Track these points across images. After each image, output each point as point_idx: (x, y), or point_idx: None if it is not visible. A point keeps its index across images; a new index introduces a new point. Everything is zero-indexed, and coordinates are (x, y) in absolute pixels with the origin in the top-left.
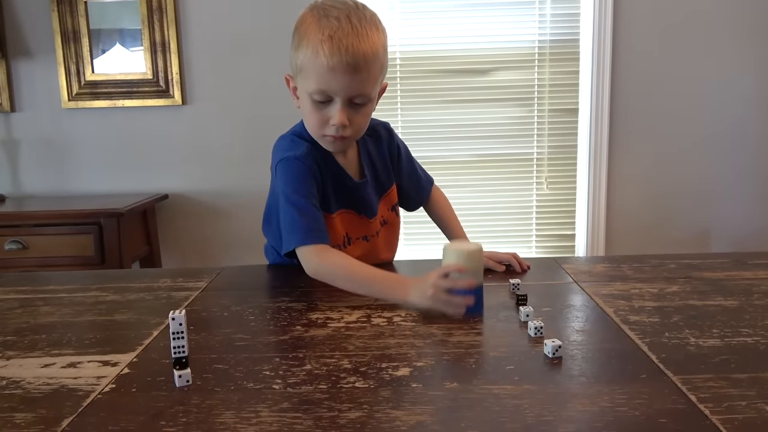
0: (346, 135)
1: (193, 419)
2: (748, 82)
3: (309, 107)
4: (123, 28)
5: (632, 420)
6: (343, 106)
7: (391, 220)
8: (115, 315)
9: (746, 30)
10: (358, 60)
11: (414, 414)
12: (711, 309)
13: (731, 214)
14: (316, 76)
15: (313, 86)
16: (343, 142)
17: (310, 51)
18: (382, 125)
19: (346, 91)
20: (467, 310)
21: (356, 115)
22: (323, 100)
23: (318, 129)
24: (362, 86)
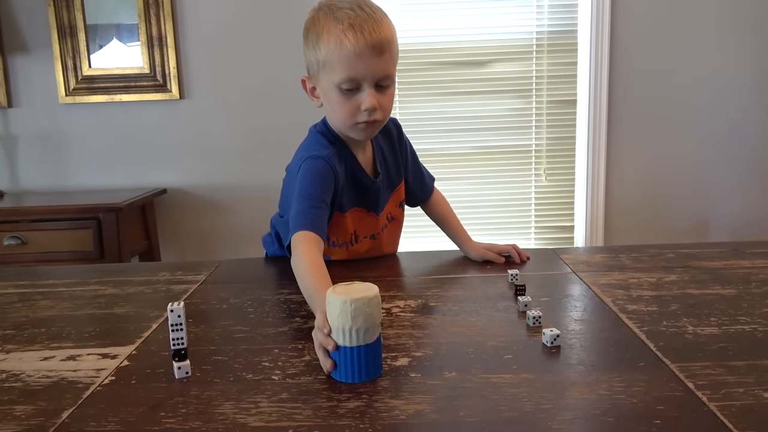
0: (377, 118)
1: (192, 410)
2: (746, 72)
3: (337, 99)
4: (120, 23)
5: (630, 407)
6: (372, 89)
7: (397, 216)
8: (114, 308)
9: (745, 20)
10: (381, 42)
11: (413, 403)
12: (709, 298)
13: (730, 203)
14: (343, 65)
15: (341, 76)
16: (373, 127)
17: (332, 43)
18: (391, 121)
19: (374, 73)
20: (341, 373)
21: (383, 98)
22: (352, 87)
23: (349, 118)
24: (387, 67)
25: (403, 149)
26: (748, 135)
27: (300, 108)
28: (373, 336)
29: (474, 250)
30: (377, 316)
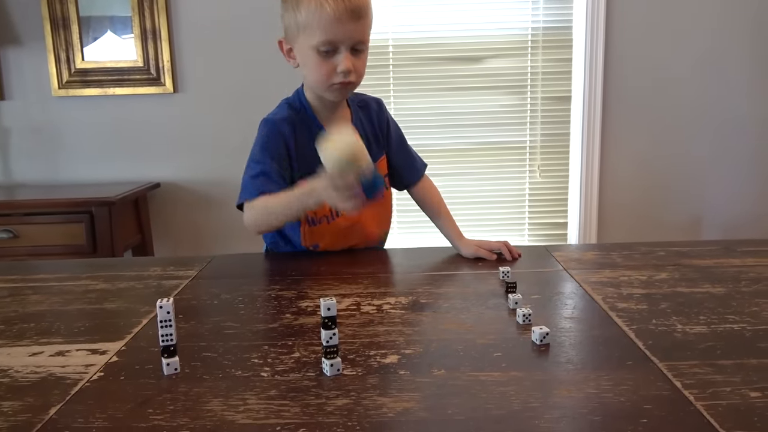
0: (352, 80)
1: (180, 407)
2: (742, 69)
3: (315, 61)
4: (113, 15)
5: (617, 406)
6: (348, 53)
7: None
8: (105, 303)
9: (741, 16)
10: (359, 8)
11: (401, 401)
12: (698, 296)
13: (724, 201)
14: (323, 28)
15: (320, 39)
16: (348, 88)
17: (313, 7)
18: (373, 99)
19: (351, 37)
20: (367, 194)
21: (358, 62)
22: (329, 50)
23: (326, 79)
24: (363, 33)
25: (383, 125)
26: (743, 132)
27: None
28: None
29: (465, 247)
30: None
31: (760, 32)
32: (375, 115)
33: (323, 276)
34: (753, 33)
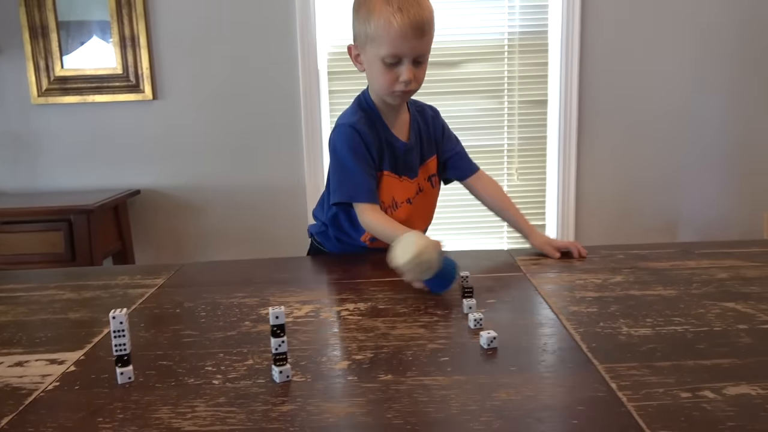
0: (412, 89)
1: (129, 415)
2: (715, 75)
3: (380, 69)
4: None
5: (551, 408)
6: (410, 65)
7: (426, 189)
8: (69, 313)
9: (711, 21)
10: (424, 25)
11: (345, 406)
12: (649, 299)
13: (699, 203)
14: (389, 42)
15: (386, 51)
16: (408, 95)
17: (382, 22)
18: (429, 107)
19: (413, 51)
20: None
21: (419, 72)
22: (394, 61)
23: (389, 87)
24: (425, 46)
25: (438, 130)
26: (717, 136)
27: (273, 109)
28: None
29: (536, 240)
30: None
31: (733, 38)
32: (431, 121)
33: (287, 283)
34: (726, 39)
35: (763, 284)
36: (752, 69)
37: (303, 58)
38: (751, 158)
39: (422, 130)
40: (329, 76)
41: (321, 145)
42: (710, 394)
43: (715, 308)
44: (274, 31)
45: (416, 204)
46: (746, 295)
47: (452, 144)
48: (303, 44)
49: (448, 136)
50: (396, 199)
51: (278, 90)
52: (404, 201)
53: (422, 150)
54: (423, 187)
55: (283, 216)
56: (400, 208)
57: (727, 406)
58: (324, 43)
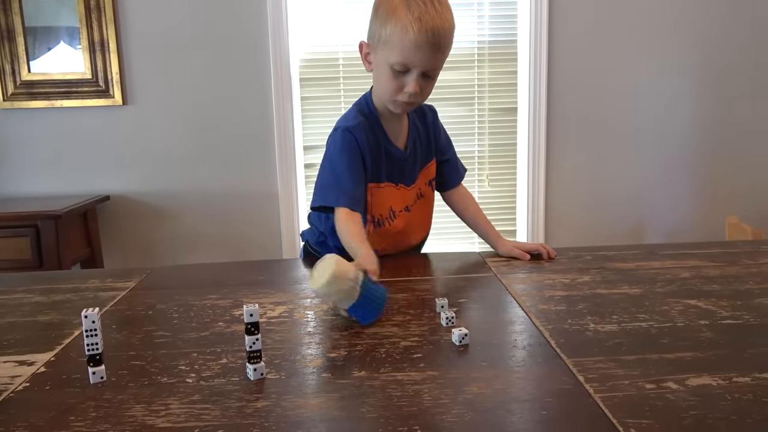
0: (416, 102)
1: (102, 414)
2: (680, 81)
3: (387, 75)
4: (62, 26)
5: (521, 400)
6: (418, 77)
7: (426, 194)
8: (38, 316)
9: (673, 33)
10: (440, 40)
11: (319, 401)
12: (615, 297)
13: (665, 208)
14: (402, 50)
15: (397, 58)
16: (410, 107)
17: (399, 28)
18: (428, 107)
19: (425, 65)
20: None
21: (426, 86)
22: (402, 70)
23: (392, 94)
24: (438, 62)
25: (436, 132)
26: (679, 142)
27: (244, 114)
28: None
29: (503, 247)
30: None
31: (698, 47)
32: (431, 124)
33: (260, 285)
34: (690, 48)
35: (724, 283)
36: (716, 78)
37: (275, 64)
38: (715, 165)
39: (421, 136)
40: (301, 82)
41: (294, 151)
42: (673, 385)
43: (678, 305)
44: (246, 37)
45: (415, 211)
46: (708, 293)
47: (448, 146)
48: (275, 50)
49: (445, 139)
50: (393, 208)
51: (250, 96)
52: (402, 209)
53: (421, 157)
54: (423, 192)
55: (254, 222)
56: (398, 218)
57: (689, 396)
58: (296, 50)
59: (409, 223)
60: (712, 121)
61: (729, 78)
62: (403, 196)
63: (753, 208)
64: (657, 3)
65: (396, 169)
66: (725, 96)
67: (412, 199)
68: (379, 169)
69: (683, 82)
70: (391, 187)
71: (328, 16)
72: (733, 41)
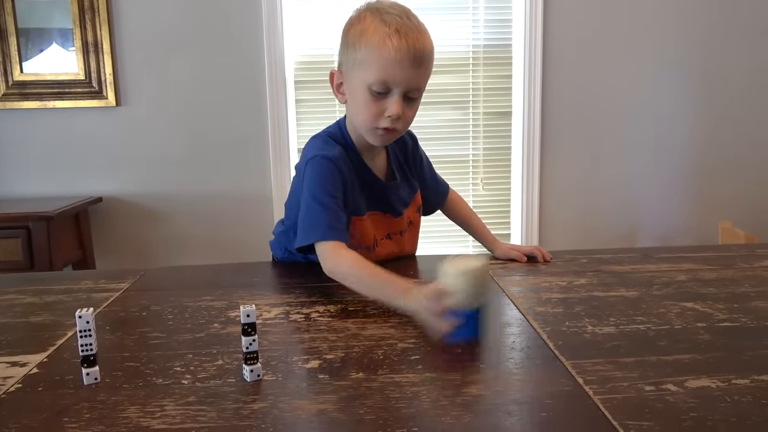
0: (398, 127)
1: (96, 415)
2: (672, 86)
3: (365, 99)
4: (54, 27)
5: (520, 401)
6: (400, 98)
7: (416, 221)
8: (30, 317)
9: (668, 38)
10: (422, 54)
11: (317, 403)
12: (612, 299)
13: (657, 211)
14: (380, 67)
15: (375, 77)
16: (392, 135)
17: (376, 43)
18: (407, 134)
19: (406, 83)
20: (458, 334)
21: (408, 110)
22: (382, 91)
23: (372, 121)
24: (420, 80)
25: (417, 161)
26: (673, 146)
27: (238, 116)
28: None
29: (499, 250)
30: None
31: (693, 51)
32: (410, 151)
33: (255, 286)
34: (686, 52)
35: (720, 286)
36: (710, 84)
37: (270, 67)
38: (708, 171)
39: (402, 164)
40: (296, 84)
41: (288, 153)
42: (673, 387)
43: (675, 308)
44: (240, 39)
45: (406, 238)
46: (704, 296)
47: (429, 171)
48: (270, 52)
49: (425, 163)
50: (377, 236)
51: (244, 98)
52: (384, 237)
53: (403, 186)
54: (413, 220)
55: (248, 225)
56: (381, 246)
57: (689, 398)
58: (291, 52)
59: (392, 251)
60: (706, 126)
61: (723, 84)
62: (390, 225)
63: (745, 213)
64: (651, 8)
65: (379, 198)
66: (719, 101)
67: (402, 227)
68: (359, 200)
69: (677, 87)
70: (376, 216)
71: (323, 19)
72: (728, 47)
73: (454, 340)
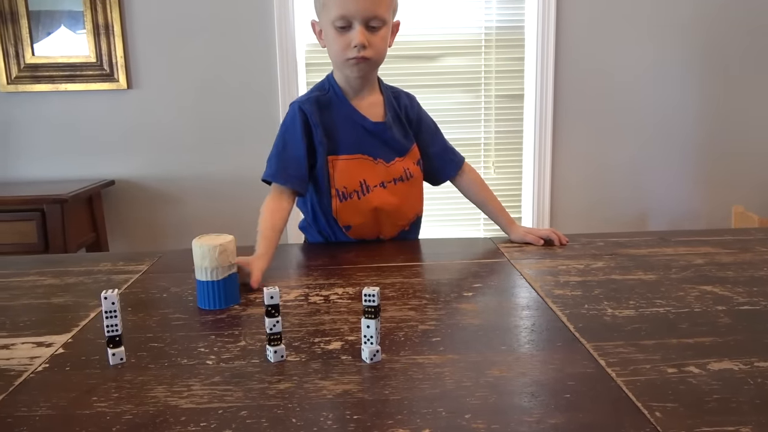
0: (367, 56)
1: (125, 394)
2: (686, 69)
3: (332, 36)
4: (64, 9)
5: (543, 382)
6: (362, 28)
7: (416, 174)
8: (52, 298)
9: (681, 21)
10: None
11: (341, 384)
12: (630, 283)
13: (668, 194)
14: (336, 3)
15: (335, 14)
16: (366, 64)
17: None
18: (405, 93)
19: (362, 13)
20: (204, 303)
21: (374, 38)
22: (344, 25)
23: (342, 53)
24: (376, 8)
25: (414, 117)
26: (688, 130)
27: (249, 99)
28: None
29: (515, 233)
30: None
31: (706, 34)
32: (407, 106)
33: (273, 269)
34: (700, 35)
35: (738, 269)
36: (723, 66)
37: (281, 49)
38: (720, 154)
39: (399, 113)
40: (307, 67)
41: None
42: (695, 370)
43: (693, 291)
44: (251, 21)
45: (399, 189)
46: (723, 279)
47: (434, 136)
48: (281, 35)
49: (427, 125)
50: (367, 182)
51: (256, 80)
52: (377, 185)
53: (400, 134)
54: (413, 172)
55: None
56: (373, 192)
57: (711, 380)
58: (302, 35)
59: (388, 201)
60: (719, 108)
61: (735, 68)
62: (382, 172)
63: (758, 197)
64: None
65: (371, 142)
66: (732, 86)
67: (396, 175)
68: (341, 140)
69: (690, 70)
70: (365, 160)
71: None
72: (740, 31)
73: (203, 307)
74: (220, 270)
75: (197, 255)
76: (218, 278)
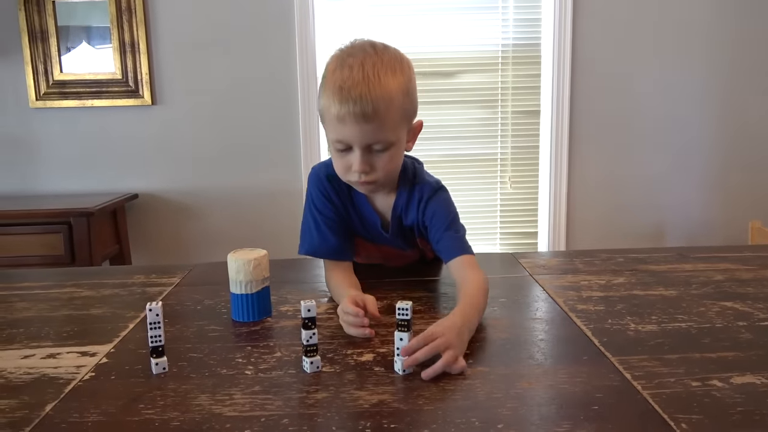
0: (371, 179)
1: (170, 402)
2: (702, 86)
3: (334, 152)
4: (91, 26)
5: (571, 395)
6: (363, 153)
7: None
8: (91, 309)
9: (697, 35)
10: (366, 109)
11: (376, 394)
12: (652, 298)
13: (684, 209)
14: (332, 126)
15: (331, 135)
16: (371, 186)
17: (324, 101)
18: (429, 187)
19: (360, 140)
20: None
21: (379, 160)
22: (343, 148)
23: (343, 174)
24: (377, 134)
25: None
26: (700, 144)
27: (271, 114)
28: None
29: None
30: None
31: (723, 50)
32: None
33: (301, 282)
34: (717, 51)
35: (758, 285)
36: (741, 82)
37: (301, 63)
38: (737, 170)
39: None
40: None
41: (319, 150)
42: (719, 383)
43: (714, 307)
44: (273, 38)
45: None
46: (743, 295)
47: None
48: (301, 49)
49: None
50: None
51: (277, 95)
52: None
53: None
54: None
55: (281, 220)
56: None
57: (735, 393)
58: (323, 48)
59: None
60: (735, 125)
61: (750, 82)
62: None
63: None
64: (680, 7)
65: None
66: (747, 100)
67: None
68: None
69: (706, 85)
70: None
71: (354, 17)
72: (758, 43)
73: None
74: (254, 283)
75: (232, 269)
76: (252, 291)
